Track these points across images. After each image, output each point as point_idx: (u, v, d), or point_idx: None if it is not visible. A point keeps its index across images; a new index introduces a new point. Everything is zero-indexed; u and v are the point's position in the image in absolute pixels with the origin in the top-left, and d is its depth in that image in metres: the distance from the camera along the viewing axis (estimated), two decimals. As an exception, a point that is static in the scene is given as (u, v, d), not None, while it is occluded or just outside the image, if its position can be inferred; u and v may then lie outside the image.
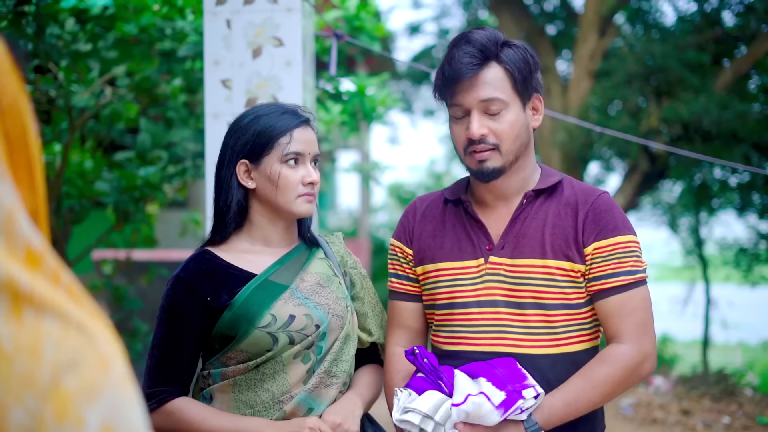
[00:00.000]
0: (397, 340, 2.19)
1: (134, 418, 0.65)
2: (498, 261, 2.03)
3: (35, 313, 0.63)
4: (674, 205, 10.46)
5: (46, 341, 0.63)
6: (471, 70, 1.97)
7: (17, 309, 0.63)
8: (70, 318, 0.65)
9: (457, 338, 2.07)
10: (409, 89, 12.89)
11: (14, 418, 0.60)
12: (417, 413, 1.89)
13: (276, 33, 2.93)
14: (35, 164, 0.74)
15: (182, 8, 3.91)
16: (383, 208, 17.87)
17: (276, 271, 2.06)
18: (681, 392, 7.63)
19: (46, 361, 0.62)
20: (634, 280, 1.99)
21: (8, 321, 0.62)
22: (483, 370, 1.94)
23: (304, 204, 2.05)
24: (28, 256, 0.66)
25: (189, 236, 5.96)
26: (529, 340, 1.99)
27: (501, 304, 2.02)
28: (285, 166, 2.02)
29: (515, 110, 2.00)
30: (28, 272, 0.65)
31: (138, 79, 4.32)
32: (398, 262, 2.21)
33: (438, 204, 2.17)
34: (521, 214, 2.05)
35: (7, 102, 0.71)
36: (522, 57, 2.01)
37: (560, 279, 1.99)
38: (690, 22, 8.97)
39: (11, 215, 0.66)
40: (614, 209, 2.02)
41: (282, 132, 2.03)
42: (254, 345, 1.99)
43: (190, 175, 4.56)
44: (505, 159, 2.00)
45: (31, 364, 0.61)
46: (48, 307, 0.64)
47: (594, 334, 2.06)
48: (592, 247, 1.98)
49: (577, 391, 1.94)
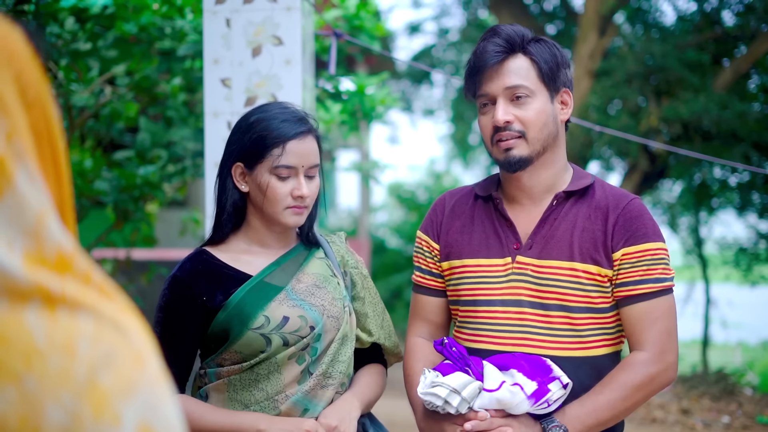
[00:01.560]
0: (419, 332, 2.19)
1: (170, 415, 0.65)
2: (525, 261, 2.02)
3: (69, 311, 0.63)
4: (674, 205, 10.46)
5: (80, 338, 0.62)
6: (496, 57, 1.98)
7: (51, 309, 0.62)
8: (103, 314, 0.64)
9: (480, 336, 2.06)
10: (409, 88, 12.90)
11: (50, 415, 0.60)
12: (445, 387, 1.90)
13: (275, 32, 2.93)
14: (60, 156, 0.74)
15: (182, 7, 3.91)
16: (383, 208, 17.86)
17: (272, 273, 2.05)
18: (680, 392, 7.63)
19: (81, 358, 0.61)
20: (661, 288, 1.98)
21: (42, 319, 0.62)
22: (511, 362, 1.95)
23: (291, 216, 2.01)
24: (59, 260, 0.65)
25: (189, 235, 5.95)
26: (552, 342, 1.99)
27: (526, 304, 2.01)
28: (274, 178, 1.99)
29: (542, 99, 1.99)
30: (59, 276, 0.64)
31: (137, 78, 4.32)
32: (423, 256, 2.20)
33: (468, 199, 2.16)
34: (551, 215, 2.04)
35: (32, 95, 0.71)
36: (549, 51, 2.01)
37: (586, 282, 1.98)
38: (690, 21, 8.97)
39: (42, 218, 0.66)
40: (645, 215, 2.00)
41: (276, 143, 1.98)
42: (248, 346, 1.98)
43: (190, 174, 4.55)
44: (532, 148, 1.98)
45: (67, 360, 0.61)
46: (81, 305, 0.64)
47: (618, 339, 2.05)
48: (621, 252, 1.97)
49: (599, 399, 1.93)
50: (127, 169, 4.49)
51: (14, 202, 0.65)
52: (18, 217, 0.65)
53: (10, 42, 0.70)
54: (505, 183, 2.10)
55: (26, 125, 0.69)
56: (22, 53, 0.71)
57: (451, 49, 11.80)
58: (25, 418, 0.59)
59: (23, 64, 0.71)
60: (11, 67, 0.69)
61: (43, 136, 0.71)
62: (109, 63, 4.32)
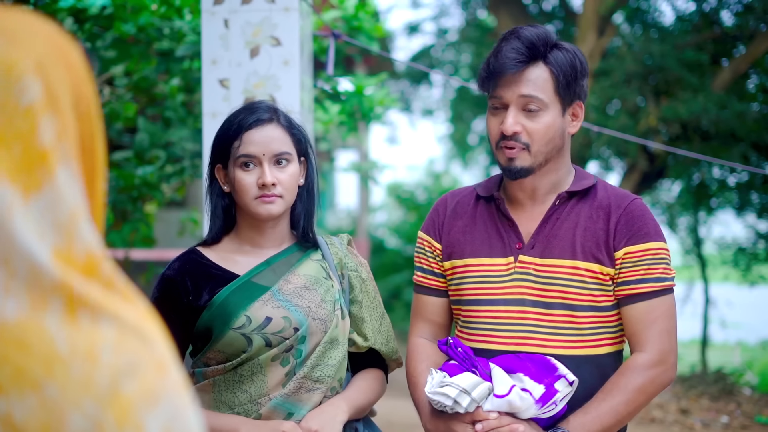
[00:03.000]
0: (421, 332, 2.19)
1: (192, 425, 0.65)
2: (528, 260, 2.03)
3: (91, 317, 0.63)
4: (673, 205, 10.46)
5: (103, 345, 0.62)
6: (516, 66, 1.96)
7: (72, 312, 0.62)
8: (126, 322, 0.64)
9: (482, 335, 2.06)
10: (407, 89, 12.88)
11: (73, 423, 0.60)
12: (455, 387, 1.89)
13: (274, 32, 2.93)
14: (99, 172, 0.74)
15: (180, 8, 3.91)
16: (382, 208, 17.86)
17: (260, 273, 2.04)
18: (679, 391, 7.63)
19: (104, 366, 0.61)
20: (662, 288, 1.99)
21: (63, 324, 0.62)
22: (516, 364, 1.95)
23: (261, 206, 1.99)
24: (87, 261, 0.66)
25: (187, 236, 5.95)
26: (555, 341, 1.99)
27: (529, 304, 2.02)
28: (239, 170, 2.00)
29: (553, 113, 1.99)
30: (84, 277, 0.64)
31: (136, 79, 4.32)
32: (425, 255, 2.20)
33: (469, 200, 2.17)
34: (553, 215, 2.04)
35: (83, 108, 0.72)
36: (570, 61, 1.99)
37: (589, 281, 1.99)
38: (689, 21, 8.97)
39: (75, 217, 0.66)
40: (647, 215, 2.02)
41: (234, 135, 2.00)
42: (229, 345, 1.97)
43: (188, 175, 4.55)
44: (534, 160, 1.99)
45: (89, 368, 0.61)
46: (104, 311, 0.63)
47: (620, 337, 2.06)
48: (623, 251, 1.98)
49: (602, 405, 1.94)
50: (126, 169, 4.49)
51: (52, 196, 0.65)
52: (53, 212, 0.65)
53: (70, 54, 0.73)
54: (508, 184, 2.11)
55: (75, 132, 0.70)
56: (80, 68, 0.74)
57: (450, 50, 11.79)
58: (47, 426, 0.59)
59: (80, 78, 0.73)
60: (70, 76, 0.71)
61: (87, 149, 0.73)
62: (108, 63, 4.32)
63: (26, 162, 0.65)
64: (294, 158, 2.04)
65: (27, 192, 0.64)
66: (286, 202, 2.03)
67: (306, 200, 2.11)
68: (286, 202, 2.03)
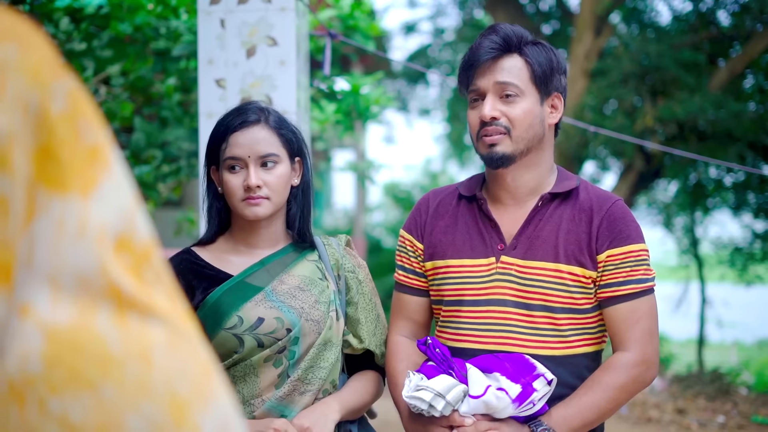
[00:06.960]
0: (401, 330, 2.19)
1: (238, 426, 0.66)
2: (509, 261, 2.03)
3: (139, 318, 0.63)
4: (669, 205, 10.47)
5: (155, 347, 0.62)
6: (490, 53, 2.00)
7: (122, 313, 0.62)
8: (174, 323, 0.64)
9: (463, 335, 2.06)
10: (404, 88, 12.89)
11: (131, 425, 0.60)
12: (429, 391, 1.90)
13: (270, 32, 2.92)
14: None
15: (176, 7, 3.91)
16: (379, 208, 17.86)
17: (254, 273, 2.03)
18: (676, 391, 7.64)
19: (157, 368, 0.62)
20: (643, 289, 2.00)
21: (114, 325, 0.62)
22: (494, 364, 1.95)
23: (246, 208, 1.99)
24: (143, 251, 0.65)
25: (184, 235, 5.94)
26: (535, 341, 2.00)
27: (509, 304, 2.02)
28: (227, 172, 2.01)
29: (531, 100, 2.01)
30: (134, 275, 0.64)
31: (132, 79, 4.31)
32: (406, 255, 2.20)
33: (451, 199, 2.16)
34: (536, 216, 2.05)
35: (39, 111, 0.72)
36: (545, 55, 2.03)
37: (570, 284, 2.00)
38: (685, 21, 8.98)
39: (134, 208, 0.66)
40: (628, 217, 2.03)
41: (222, 137, 2.02)
42: (221, 346, 1.96)
43: (185, 175, 4.55)
44: (515, 146, 2.00)
45: (144, 370, 0.61)
46: (152, 312, 0.63)
47: (599, 338, 2.07)
48: (606, 254, 1.99)
49: (584, 400, 1.95)
50: (122, 169, 4.48)
51: (114, 188, 0.65)
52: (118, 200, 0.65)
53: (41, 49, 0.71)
54: (490, 183, 2.11)
55: None
56: None
57: (447, 49, 11.80)
58: (105, 427, 0.59)
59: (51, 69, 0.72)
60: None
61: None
62: (104, 63, 4.31)
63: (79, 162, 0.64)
64: (282, 159, 2.03)
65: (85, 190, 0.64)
66: (274, 203, 2.02)
67: (301, 200, 2.11)
68: (274, 203, 2.02)
